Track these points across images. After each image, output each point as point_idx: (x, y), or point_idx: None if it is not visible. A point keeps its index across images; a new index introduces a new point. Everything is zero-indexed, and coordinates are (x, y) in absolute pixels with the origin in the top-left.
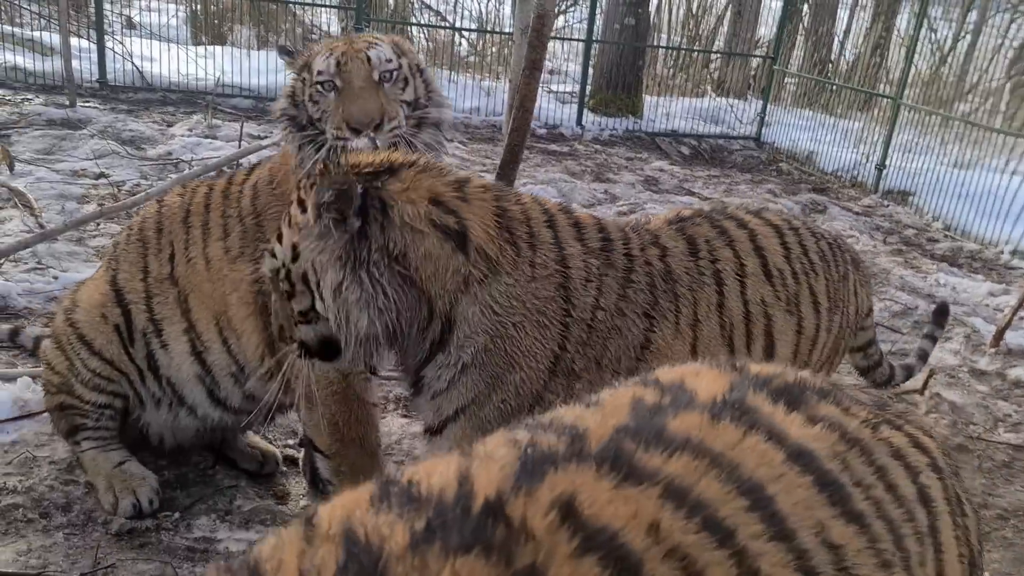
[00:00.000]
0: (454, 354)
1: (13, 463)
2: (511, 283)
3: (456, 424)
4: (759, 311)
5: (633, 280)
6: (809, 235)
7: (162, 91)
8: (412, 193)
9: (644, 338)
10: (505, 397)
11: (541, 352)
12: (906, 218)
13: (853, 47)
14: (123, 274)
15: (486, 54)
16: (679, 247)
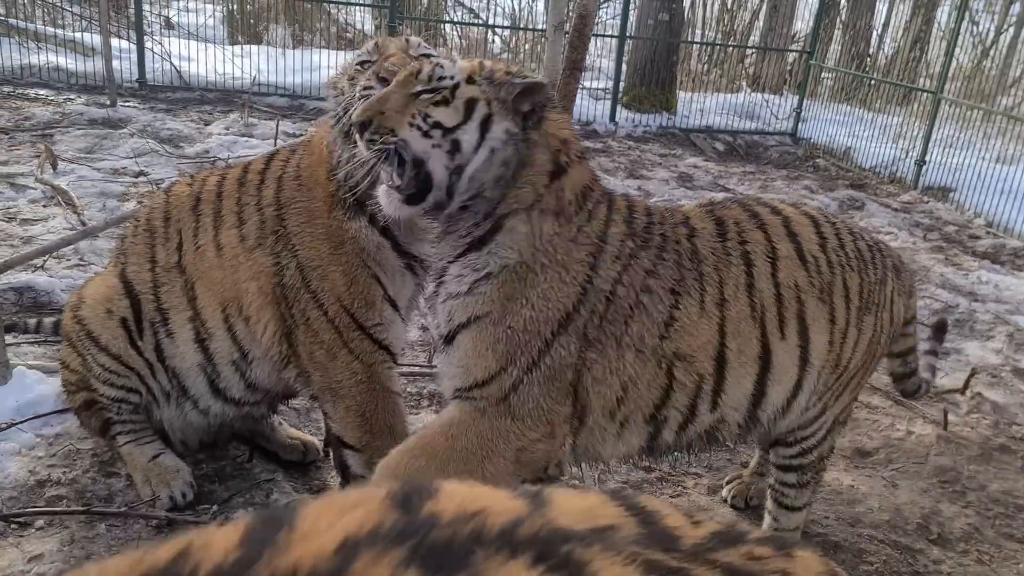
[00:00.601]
0: (484, 258)
1: (57, 455)
2: (557, 230)
3: (467, 333)
4: (791, 295)
5: (663, 258)
6: (847, 232)
7: (199, 90)
8: (562, 125)
9: (668, 315)
10: (513, 324)
11: (554, 303)
12: (947, 214)
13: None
14: (131, 266)
15: (519, 51)
16: (707, 228)
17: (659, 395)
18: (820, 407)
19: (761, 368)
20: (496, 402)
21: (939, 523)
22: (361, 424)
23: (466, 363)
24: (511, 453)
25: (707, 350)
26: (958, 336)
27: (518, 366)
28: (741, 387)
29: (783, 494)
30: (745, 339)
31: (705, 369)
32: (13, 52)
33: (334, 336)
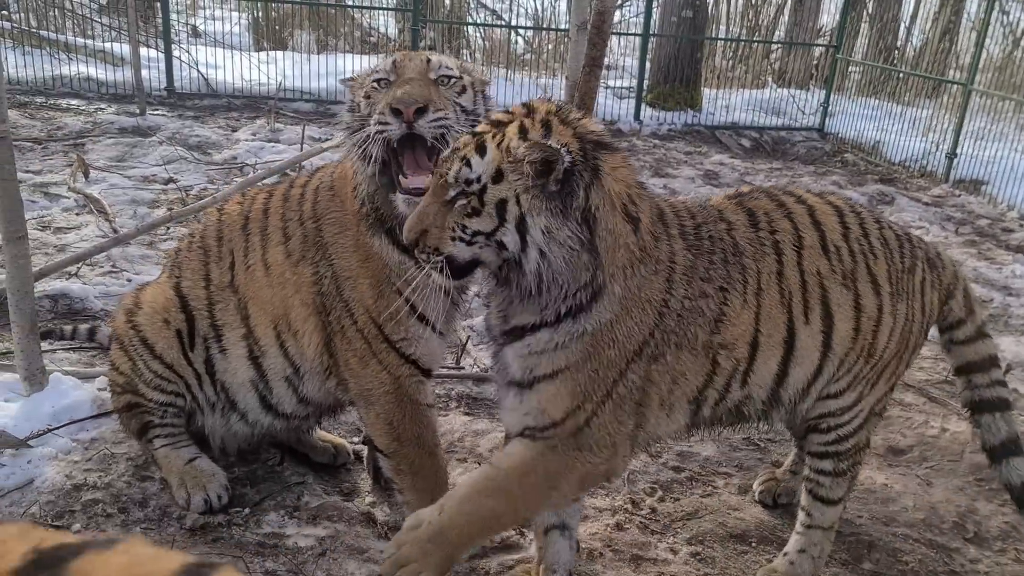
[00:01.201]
0: (582, 324)
1: (93, 460)
2: (644, 273)
3: (550, 383)
4: (815, 282)
5: (713, 261)
6: (872, 221)
7: (226, 97)
8: (620, 173)
9: (719, 311)
10: (597, 367)
11: (636, 336)
12: (979, 208)
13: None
14: (186, 281)
15: (542, 51)
16: (741, 219)
17: (703, 380)
18: (855, 395)
19: (786, 350)
20: (568, 437)
21: (975, 522)
22: (389, 432)
23: (544, 407)
24: (576, 480)
25: (745, 337)
26: (992, 331)
27: (594, 401)
28: (767, 367)
29: (818, 483)
30: (775, 324)
31: (742, 354)
32: (45, 64)
33: (364, 345)
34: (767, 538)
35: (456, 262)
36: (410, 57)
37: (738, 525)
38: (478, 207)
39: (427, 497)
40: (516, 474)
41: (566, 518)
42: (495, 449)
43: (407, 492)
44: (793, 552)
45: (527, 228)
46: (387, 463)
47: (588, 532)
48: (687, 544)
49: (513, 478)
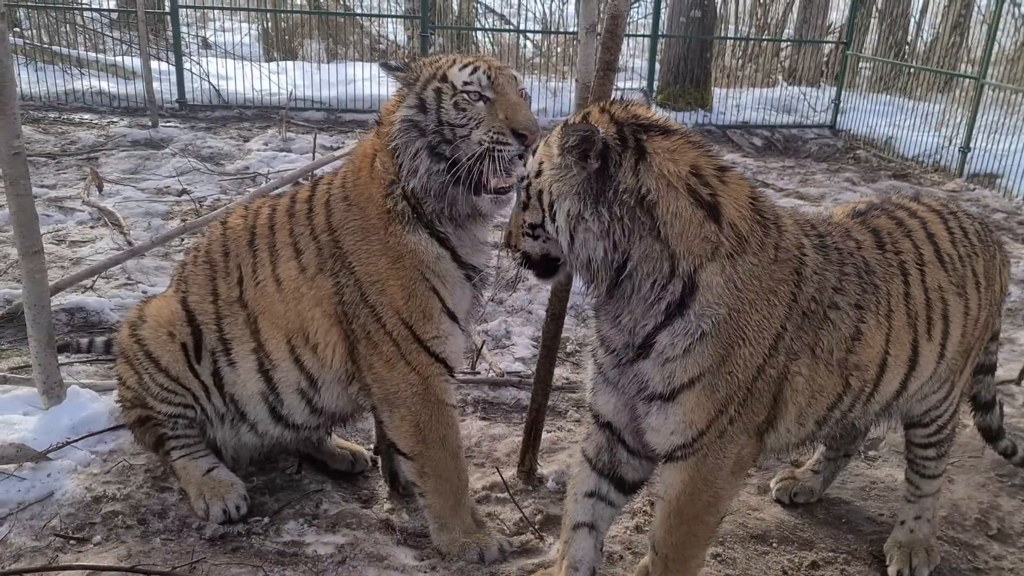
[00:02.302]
0: (694, 321)
1: (112, 471)
2: (755, 262)
3: (691, 391)
4: (937, 297)
5: (846, 273)
6: (966, 217)
7: (238, 108)
8: (676, 155)
9: (855, 329)
10: (732, 369)
11: (767, 329)
12: (994, 201)
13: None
14: (193, 296)
15: (551, 55)
16: (868, 240)
17: (833, 400)
18: (949, 386)
19: (909, 368)
20: (714, 440)
21: (998, 518)
22: (415, 434)
23: (690, 418)
24: (727, 475)
25: (876, 359)
26: (1011, 325)
27: (736, 401)
28: (891, 386)
29: (924, 467)
30: (902, 345)
31: (872, 376)
32: (57, 79)
33: (392, 348)
34: (787, 538)
35: (531, 259)
36: (502, 73)
37: (758, 525)
38: (526, 201)
39: (450, 500)
40: (686, 498)
41: (596, 519)
42: (512, 454)
43: (430, 495)
44: (910, 520)
45: (556, 214)
46: (410, 466)
47: (608, 535)
48: None
49: (687, 504)
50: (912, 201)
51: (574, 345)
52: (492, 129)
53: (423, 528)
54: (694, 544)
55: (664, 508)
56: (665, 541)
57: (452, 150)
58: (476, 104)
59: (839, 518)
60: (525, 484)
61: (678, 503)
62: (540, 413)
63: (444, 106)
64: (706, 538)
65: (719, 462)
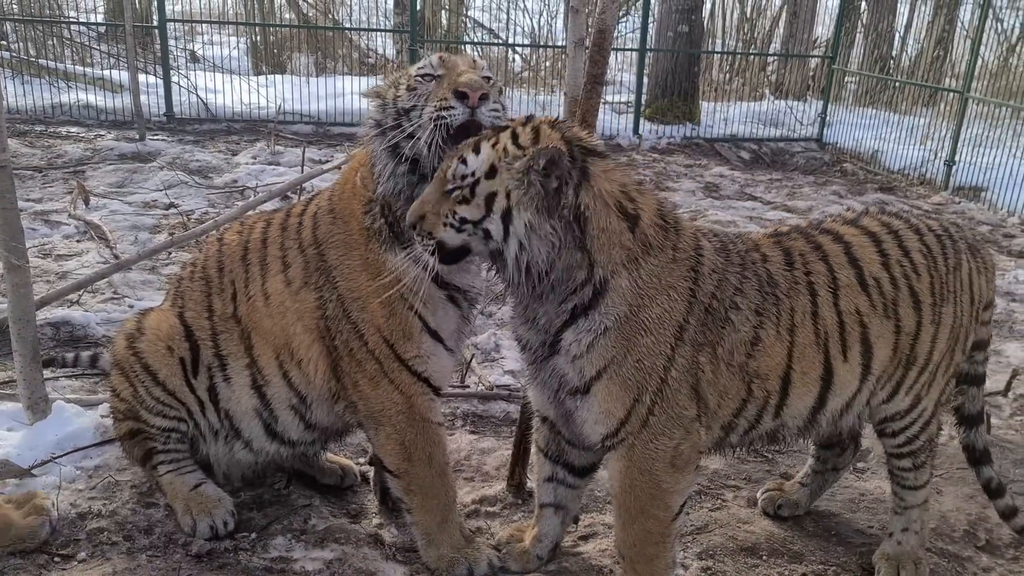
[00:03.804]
0: (597, 320)
1: (97, 488)
2: (656, 262)
3: (601, 382)
4: (854, 320)
5: (747, 277)
6: (911, 234)
7: (226, 121)
8: (611, 175)
9: (754, 334)
10: (639, 357)
11: (668, 321)
12: (979, 214)
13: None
14: (190, 311)
15: (540, 69)
16: (777, 256)
17: (737, 406)
18: (911, 399)
19: (823, 386)
20: (639, 430)
21: (987, 529)
22: (400, 452)
23: (607, 407)
24: (667, 466)
25: (777, 371)
26: (997, 337)
27: (649, 390)
28: (803, 401)
29: (903, 478)
30: (809, 362)
31: (773, 387)
32: (44, 92)
33: (375, 366)
34: (778, 551)
35: (446, 247)
36: (457, 53)
37: (748, 538)
38: (469, 196)
39: (437, 516)
40: (628, 488)
41: (564, 500)
42: (502, 467)
43: (417, 512)
44: (898, 532)
45: (511, 220)
46: (397, 483)
47: (597, 548)
48: (697, 559)
49: (629, 495)
50: (846, 224)
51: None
52: (438, 97)
53: (412, 543)
54: (651, 541)
55: (615, 505)
56: (623, 541)
57: (412, 145)
58: (427, 84)
59: (828, 531)
60: (515, 498)
61: (622, 496)
62: (529, 426)
63: (399, 95)
64: (661, 535)
65: (651, 452)
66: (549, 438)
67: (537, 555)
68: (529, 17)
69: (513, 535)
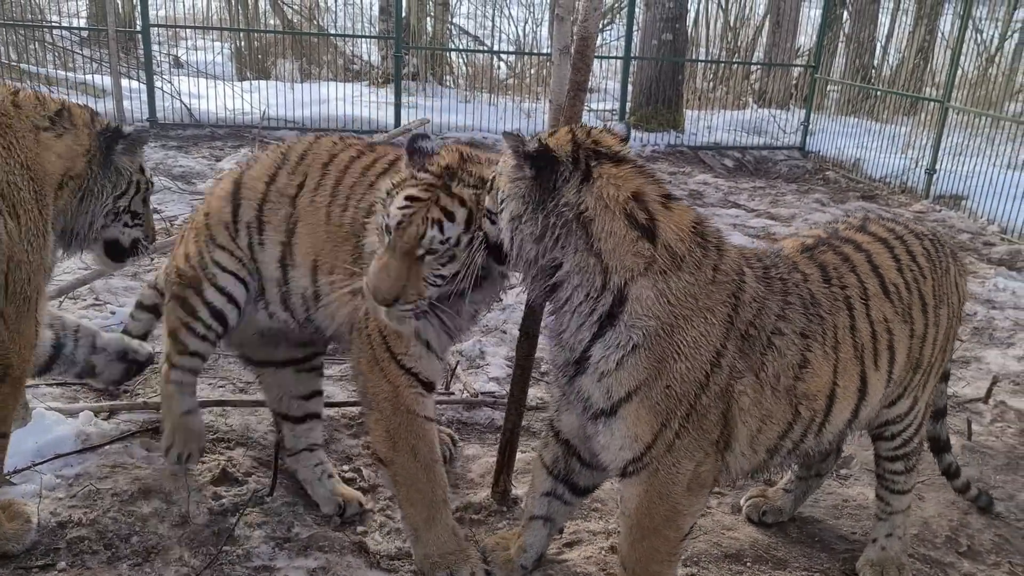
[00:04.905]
0: (624, 332)
1: (77, 496)
2: (691, 280)
3: (630, 404)
4: (883, 328)
5: (790, 303)
6: (914, 239)
7: (210, 127)
8: (620, 181)
9: (802, 357)
10: (670, 383)
11: (704, 347)
12: (960, 222)
13: (896, 51)
14: (249, 173)
15: (525, 76)
16: (815, 273)
17: (784, 428)
18: (910, 401)
19: (859, 397)
20: (664, 455)
21: (968, 535)
22: (386, 439)
23: (635, 431)
24: (684, 489)
25: (825, 390)
26: (977, 344)
27: (679, 416)
28: (842, 416)
29: (892, 481)
30: (850, 376)
31: (822, 406)
32: None
33: (370, 351)
34: (762, 557)
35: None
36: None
37: (732, 545)
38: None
39: (423, 512)
40: (643, 512)
41: (556, 515)
42: (486, 474)
43: (403, 504)
44: (882, 537)
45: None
46: (384, 472)
47: (582, 556)
48: (682, 565)
49: (644, 517)
50: (858, 232)
51: (548, 365)
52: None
53: (397, 551)
54: (657, 559)
55: (626, 523)
56: (630, 556)
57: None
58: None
59: (812, 537)
60: (500, 505)
61: (637, 517)
62: (514, 433)
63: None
64: (669, 553)
65: (673, 477)
66: (559, 457)
67: (522, 565)
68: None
69: (499, 543)
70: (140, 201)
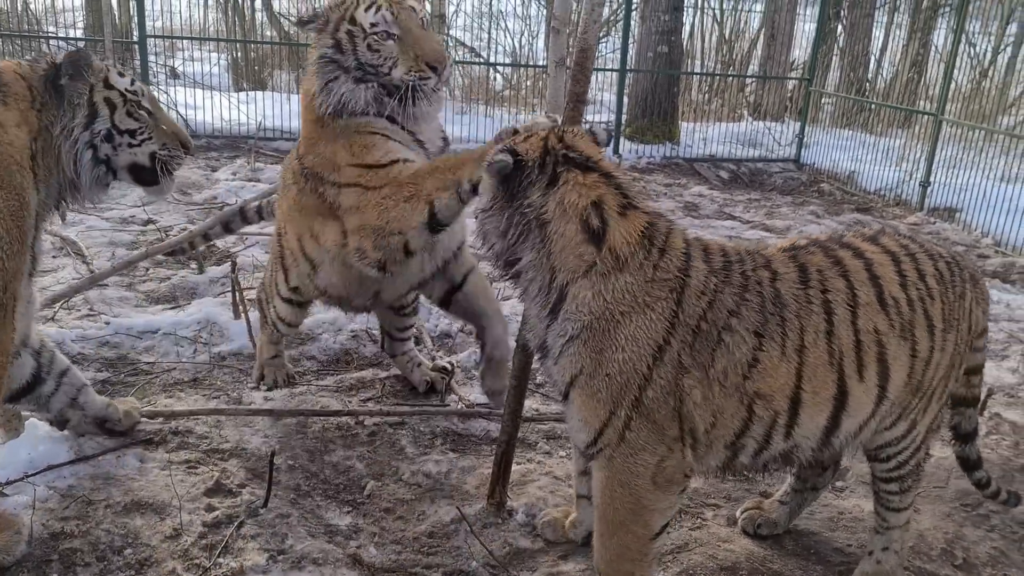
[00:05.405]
0: (562, 323)
1: (70, 507)
2: (630, 280)
3: (575, 389)
4: (871, 339)
5: (746, 299)
6: (926, 258)
7: (206, 137)
8: (583, 188)
9: (752, 356)
10: (609, 371)
11: (644, 341)
12: (954, 235)
13: (890, 65)
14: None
15: (521, 88)
16: (790, 274)
17: (739, 426)
18: (908, 424)
19: (836, 406)
20: (617, 443)
21: (964, 548)
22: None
23: (583, 416)
24: (648, 482)
25: (784, 391)
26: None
27: (624, 405)
28: (814, 422)
29: (889, 500)
30: (821, 382)
31: (781, 407)
32: None
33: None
34: (758, 570)
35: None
36: (400, 7)
37: (728, 557)
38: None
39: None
40: (608, 500)
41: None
42: (482, 486)
43: None
44: (878, 551)
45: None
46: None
47: (577, 568)
48: None
49: (609, 507)
50: (866, 241)
51: (543, 376)
52: (409, 66)
53: (392, 563)
54: (627, 558)
55: (595, 515)
56: (601, 555)
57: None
58: (387, 43)
59: (808, 549)
60: (495, 517)
61: (602, 507)
62: (510, 445)
63: (360, 47)
64: (639, 552)
65: (632, 467)
66: None
67: (572, 537)
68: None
69: (556, 519)
70: (125, 115)
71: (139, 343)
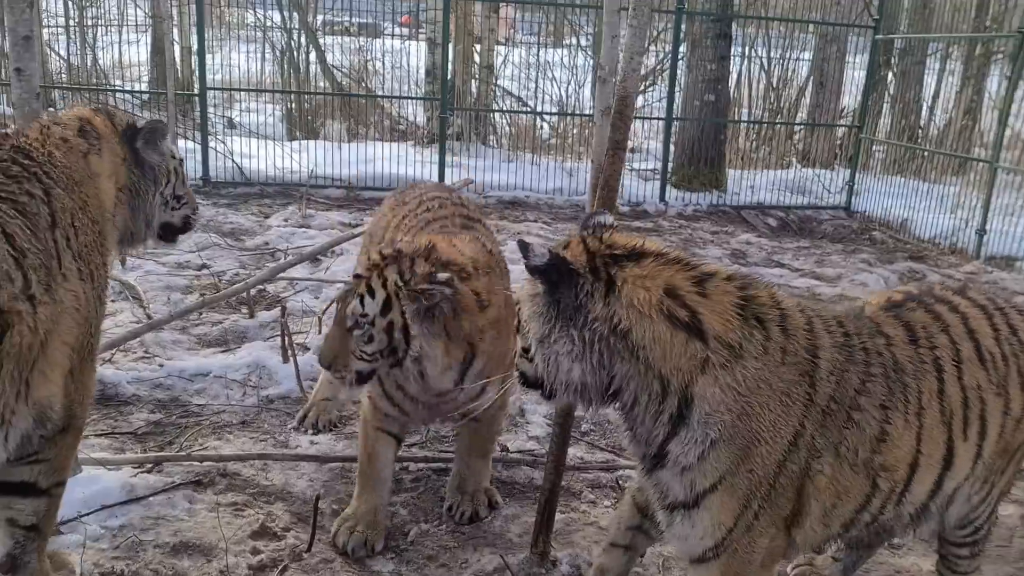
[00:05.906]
0: (699, 431)
1: (120, 547)
2: (759, 366)
3: (714, 495)
4: (975, 396)
5: (871, 374)
6: (1015, 312)
7: (260, 185)
8: (648, 281)
9: (880, 429)
10: (752, 467)
11: (784, 428)
12: (1013, 284)
13: (943, 112)
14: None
15: (567, 136)
16: (899, 335)
17: (861, 502)
18: (988, 488)
19: (943, 467)
20: (742, 536)
21: None
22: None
23: (718, 520)
24: (757, 567)
25: (906, 459)
26: None
27: (759, 496)
28: (923, 486)
29: (957, 565)
30: (935, 443)
31: (902, 476)
32: None
33: None
34: None
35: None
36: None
37: None
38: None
39: None
40: None
41: (634, 544)
42: (525, 534)
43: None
44: None
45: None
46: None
47: None
48: None
49: None
50: (955, 294)
51: (588, 424)
52: None
53: None
54: None
55: None
56: None
57: None
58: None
59: None
60: (539, 567)
61: None
62: (554, 494)
63: None
64: None
65: (749, 556)
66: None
67: None
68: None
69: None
70: (180, 183)
71: (191, 386)
